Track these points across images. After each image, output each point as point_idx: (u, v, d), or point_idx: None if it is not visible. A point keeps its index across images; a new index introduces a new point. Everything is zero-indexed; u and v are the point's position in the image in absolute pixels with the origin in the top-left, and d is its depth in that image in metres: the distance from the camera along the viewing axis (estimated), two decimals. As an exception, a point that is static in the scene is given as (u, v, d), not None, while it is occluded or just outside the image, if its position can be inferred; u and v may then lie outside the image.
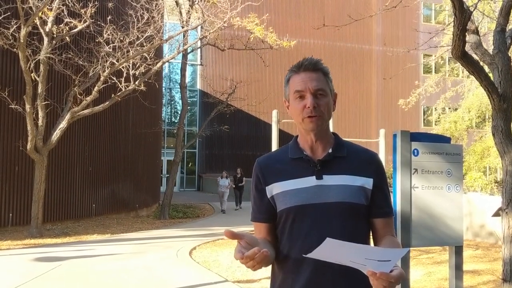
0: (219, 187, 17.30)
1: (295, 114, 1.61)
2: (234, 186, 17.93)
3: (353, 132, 29.42)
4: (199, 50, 25.50)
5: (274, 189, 1.63)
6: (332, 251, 1.31)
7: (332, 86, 1.65)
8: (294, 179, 1.60)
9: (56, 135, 10.48)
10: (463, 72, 21.69)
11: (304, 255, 1.36)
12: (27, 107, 9.65)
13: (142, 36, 11.11)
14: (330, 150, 1.63)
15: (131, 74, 11.27)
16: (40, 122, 10.14)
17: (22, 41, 9.14)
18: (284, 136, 10.29)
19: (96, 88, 10.68)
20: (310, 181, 1.59)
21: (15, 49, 9.44)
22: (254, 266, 1.35)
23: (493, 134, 4.41)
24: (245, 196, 18.24)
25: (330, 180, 1.58)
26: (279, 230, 1.63)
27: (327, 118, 1.61)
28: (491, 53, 4.64)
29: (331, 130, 1.76)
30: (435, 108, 27.81)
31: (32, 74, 9.62)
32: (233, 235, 1.33)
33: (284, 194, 1.60)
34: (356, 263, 1.31)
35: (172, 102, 32.63)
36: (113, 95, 11.55)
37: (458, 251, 4.08)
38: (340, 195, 1.56)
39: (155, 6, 11.86)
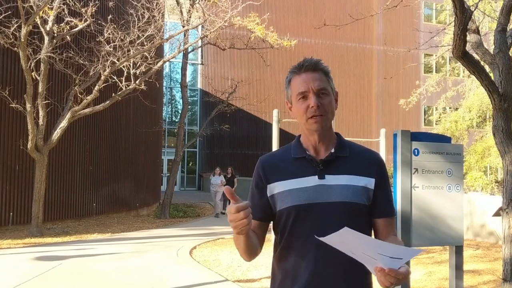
0: (211, 186, 15.59)
1: (299, 115, 1.62)
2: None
3: (353, 131, 29.42)
4: (199, 49, 25.55)
5: (276, 187, 1.63)
6: (347, 240, 1.32)
7: (333, 85, 1.66)
8: (297, 178, 1.60)
9: (56, 134, 10.49)
10: (464, 71, 21.68)
11: (317, 237, 1.36)
12: (28, 106, 9.65)
13: (143, 35, 11.12)
14: (333, 150, 1.63)
15: (131, 73, 11.28)
16: (40, 121, 10.15)
17: (22, 40, 9.14)
18: (284, 136, 10.30)
19: (96, 87, 10.68)
20: (312, 180, 1.59)
21: (15, 48, 9.44)
22: (238, 225, 1.36)
23: (494, 134, 4.40)
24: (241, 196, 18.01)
25: (332, 180, 1.59)
26: (280, 230, 1.63)
27: (330, 117, 1.62)
28: (492, 52, 4.64)
29: (333, 129, 1.76)
30: (435, 107, 27.80)
31: (32, 73, 9.62)
32: (231, 194, 1.36)
33: (286, 193, 1.60)
34: (368, 256, 1.32)
35: (173, 102, 32.63)
36: (113, 94, 11.56)
37: (458, 251, 4.07)
38: (342, 195, 1.57)
39: (156, 5, 11.86)
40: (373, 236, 1.67)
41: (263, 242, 1.66)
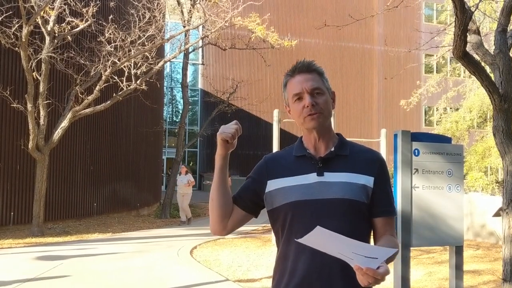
0: (177, 188, 13.34)
1: (296, 115, 1.65)
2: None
3: (354, 131, 29.42)
4: (200, 49, 25.56)
5: (275, 184, 1.65)
6: (322, 240, 1.34)
7: (329, 85, 1.69)
8: (296, 175, 1.63)
9: (57, 134, 10.50)
10: (464, 72, 21.66)
11: (295, 239, 1.40)
12: (29, 106, 9.66)
13: (144, 36, 11.13)
14: (333, 149, 1.65)
15: (132, 73, 11.29)
16: (41, 121, 10.16)
17: (24, 40, 9.16)
18: (285, 136, 10.31)
19: (97, 87, 10.69)
20: (311, 177, 1.61)
21: (17, 48, 9.46)
22: (226, 130, 1.62)
23: (494, 134, 4.41)
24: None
25: (331, 177, 1.60)
26: (279, 226, 1.65)
27: (327, 115, 1.64)
28: (492, 53, 4.64)
29: (333, 129, 1.78)
30: (436, 108, 27.77)
31: (33, 73, 9.63)
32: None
33: (285, 189, 1.62)
34: (344, 256, 1.34)
35: (174, 102, 32.67)
36: (114, 94, 11.57)
37: (458, 251, 4.08)
38: (341, 192, 1.58)
39: (157, 5, 11.88)
40: (371, 236, 1.68)
41: (232, 223, 1.71)
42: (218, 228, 1.70)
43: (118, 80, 11.14)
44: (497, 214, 7.76)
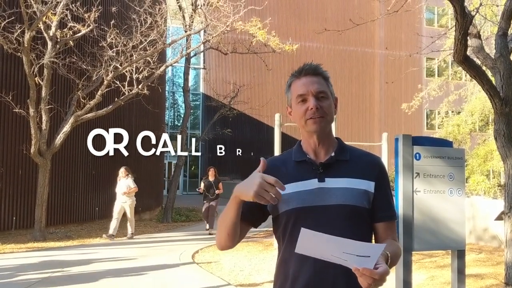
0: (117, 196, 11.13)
1: (298, 117, 1.64)
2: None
3: (356, 135, 29.41)
4: (202, 54, 25.63)
5: None
6: (311, 243, 1.30)
7: (333, 90, 1.68)
8: (297, 181, 1.61)
9: (59, 138, 10.52)
10: (466, 75, 21.62)
11: (295, 251, 1.38)
12: (31, 111, 9.69)
13: (146, 40, 11.16)
14: (333, 154, 1.65)
15: (134, 78, 11.31)
16: (43, 126, 10.19)
17: (26, 45, 9.19)
18: (286, 140, 10.31)
19: (99, 92, 10.72)
20: (312, 183, 1.60)
21: (19, 54, 9.50)
22: (264, 192, 1.41)
23: (495, 138, 4.42)
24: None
25: (332, 183, 1.59)
26: (280, 233, 1.64)
27: (329, 120, 1.63)
28: (493, 57, 4.65)
29: (334, 133, 1.78)
30: (438, 111, 27.75)
31: (36, 78, 9.66)
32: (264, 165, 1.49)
33: (286, 196, 1.60)
34: (337, 258, 1.30)
35: (175, 106, 32.73)
36: (116, 99, 11.59)
37: (460, 255, 4.08)
38: (342, 198, 1.57)
39: (158, 10, 11.91)
40: (373, 241, 1.67)
41: (239, 241, 1.67)
42: (227, 247, 1.66)
43: (120, 85, 11.17)
44: (499, 218, 7.75)
